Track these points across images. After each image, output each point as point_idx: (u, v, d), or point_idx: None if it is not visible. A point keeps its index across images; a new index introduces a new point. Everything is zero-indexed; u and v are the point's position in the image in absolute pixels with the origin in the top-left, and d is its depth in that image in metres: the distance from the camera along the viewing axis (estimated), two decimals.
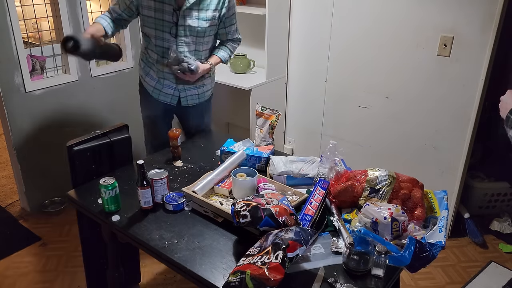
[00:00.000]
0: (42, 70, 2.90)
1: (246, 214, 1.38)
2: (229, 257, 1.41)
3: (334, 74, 3.05)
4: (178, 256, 1.42)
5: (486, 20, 2.32)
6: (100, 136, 1.93)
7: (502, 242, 2.74)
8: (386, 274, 1.33)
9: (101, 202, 1.65)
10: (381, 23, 2.72)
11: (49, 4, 2.85)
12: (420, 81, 2.65)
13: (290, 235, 1.27)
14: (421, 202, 1.54)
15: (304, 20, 3.10)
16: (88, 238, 2.04)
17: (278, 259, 1.19)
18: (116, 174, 1.86)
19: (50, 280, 2.44)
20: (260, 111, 2.16)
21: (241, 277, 1.20)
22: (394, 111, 2.83)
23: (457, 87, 2.52)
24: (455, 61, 2.49)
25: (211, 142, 2.29)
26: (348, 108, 3.06)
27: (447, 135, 2.63)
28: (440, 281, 2.44)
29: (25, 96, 2.79)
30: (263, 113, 2.14)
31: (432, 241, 1.36)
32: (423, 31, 2.56)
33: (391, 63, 2.76)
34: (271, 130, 2.10)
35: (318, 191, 1.60)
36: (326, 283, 1.30)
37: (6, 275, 2.47)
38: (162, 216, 1.63)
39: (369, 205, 1.48)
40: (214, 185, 1.75)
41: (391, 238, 1.42)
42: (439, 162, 2.71)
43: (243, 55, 3.32)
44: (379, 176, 1.58)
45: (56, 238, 2.78)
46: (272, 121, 2.09)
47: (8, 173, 3.50)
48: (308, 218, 1.49)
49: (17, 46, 2.67)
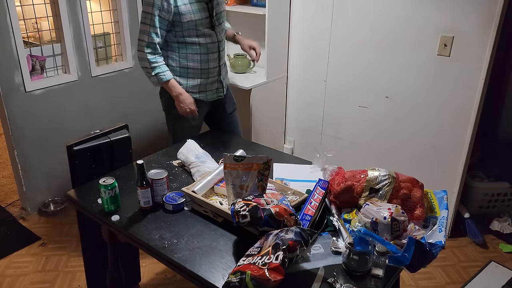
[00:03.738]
0: (42, 70, 2.90)
1: (246, 214, 1.38)
2: (229, 257, 1.41)
3: (334, 74, 3.05)
4: (178, 256, 1.42)
5: (486, 20, 2.32)
6: (100, 136, 1.93)
7: (502, 242, 2.74)
8: (386, 274, 1.33)
9: (101, 202, 1.65)
10: (381, 23, 2.71)
11: (49, 4, 2.85)
12: (420, 81, 2.65)
13: (290, 236, 1.27)
14: (421, 202, 1.54)
15: (304, 20, 3.10)
16: (88, 238, 2.05)
17: (278, 260, 1.19)
18: (116, 174, 1.86)
19: (50, 280, 2.44)
20: (232, 163, 1.56)
21: (241, 277, 1.20)
22: (394, 111, 2.83)
23: (457, 87, 2.52)
24: (455, 61, 2.49)
25: (211, 142, 2.28)
26: (348, 108, 3.06)
27: (447, 135, 2.63)
28: (440, 281, 2.44)
29: (25, 96, 2.79)
30: (238, 164, 1.56)
31: (432, 241, 1.36)
32: (423, 31, 2.56)
33: (391, 62, 2.76)
34: (261, 182, 1.58)
35: (318, 191, 1.60)
36: (326, 283, 1.30)
37: (6, 275, 2.47)
38: (161, 216, 1.63)
39: (369, 205, 1.48)
40: (214, 185, 1.75)
41: (391, 238, 1.42)
42: (439, 162, 2.71)
43: (243, 55, 3.31)
44: (379, 176, 1.58)
45: (56, 238, 2.78)
46: (261, 170, 1.57)
47: (8, 173, 3.50)
48: (308, 218, 1.49)
49: (17, 46, 2.67)
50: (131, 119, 3.10)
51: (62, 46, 2.93)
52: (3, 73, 2.65)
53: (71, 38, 2.92)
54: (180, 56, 2.30)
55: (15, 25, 2.63)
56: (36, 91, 2.83)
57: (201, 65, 2.33)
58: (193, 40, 2.26)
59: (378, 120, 2.92)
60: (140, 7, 3.27)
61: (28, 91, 2.79)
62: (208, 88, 2.40)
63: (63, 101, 2.99)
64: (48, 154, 2.98)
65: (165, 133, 3.76)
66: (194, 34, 2.24)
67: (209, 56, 2.32)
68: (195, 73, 2.34)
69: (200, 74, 2.35)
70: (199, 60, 2.31)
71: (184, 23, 2.20)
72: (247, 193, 1.56)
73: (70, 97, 3.02)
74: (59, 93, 2.95)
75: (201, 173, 1.83)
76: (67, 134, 2.87)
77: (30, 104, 2.83)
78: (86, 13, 2.96)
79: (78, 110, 3.09)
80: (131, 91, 3.38)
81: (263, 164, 1.56)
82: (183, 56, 2.30)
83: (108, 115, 3.24)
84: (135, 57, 3.32)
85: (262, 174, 1.57)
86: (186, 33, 2.23)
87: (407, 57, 2.66)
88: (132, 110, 3.41)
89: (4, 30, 2.60)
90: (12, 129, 2.79)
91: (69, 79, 2.99)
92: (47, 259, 2.60)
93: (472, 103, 2.48)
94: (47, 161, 3.00)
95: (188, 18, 2.19)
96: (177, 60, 2.31)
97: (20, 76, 2.73)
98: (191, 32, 2.24)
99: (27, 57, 2.77)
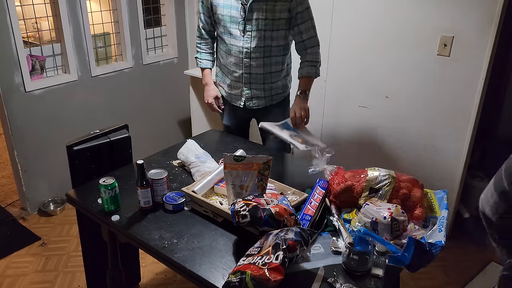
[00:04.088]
0: (42, 69, 2.90)
1: (246, 214, 1.38)
2: (229, 257, 1.41)
3: (334, 74, 3.05)
4: (178, 256, 1.42)
5: (486, 20, 2.32)
6: (100, 136, 1.93)
7: None
8: (386, 274, 1.33)
9: (101, 202, 1.65)
10: (381, 23, 2.71)
11: (49, 4, 2.85)
12: (420, 80, 2.65)
13: (290, 236, 1.27)
14: (421, 202, 1.54)
15: None
16: (88, 238, 2.05)
17: (279, 260, 1.19)
18: (116, 174, 1.86)
19: (50, 280, 2.44)
20: (232, 163, 1.57)
21: (241, 277, 1.20)
22: (394, 111, 2.83)
23: (457, 87, 2.52)
24: (455, 60, 2.49)
25: (211, 142, 2.29)
26: (348, 108, 3.06)
27: (447, 135, 2.63)
28: (440, 281, 2.44)
29: (25, 96, 2.79)
30: (238, 164, 1.57)
31: (432, 241, 1.36)
32: (423, 31, 2.56)
33: (391, 62, 2.76)
34: (260, 182, 1.57)
35: (318, 191, 1.60)
36: (326, 283, 1.30)
37: (6, 275, 2.47)
38: (162, 216, 1.63)
39: (369, 205, 1.48)
40: (214, 185, 1.75)
41: (391, 238, 1.42)
42: (439, 162, 2.71)
43: None
44: (379, 176, 1.58)
45: (56, 238, 2.78)
46: (261, 170, 1.57)
47: (8, 173, 3.50)
48: (308, 218, 1.49)
49: (17, 46, 2.67)
50: (131, 119, 3.09)
51: (62, 46, 2.94)
52: (3, 73, 2.65)
53: (71, 38, 2.92)
54: (216, 48, 2.34)
55: (15, 25, 2.63)
56: (36, 91, 2.84)
57: (224, 63, 2.29)
58: (220, 35, 2.22)
59: (378, 120, 2.92)
60: (140, 7, 3.28)
61: (28, 91, 2.79)
62: (232, 91, 2.31)
63: (63, 101, 2.99)
64: (48, 154, 2.98)
65: (165, 133, 3.77)
66: (221, 30, 2.19)
67: (231, 58, 2.22)
68: (221, 69, 2.34)
69: (223, 72, 2.33)
70: (223, 57, 2.27)
71: (215, 15, 2.18)
72: (247, 193, 1.56)
73: (70, 97, 3.02)
74: (59, 93, 2.95)
75: (201, 173, 1.83)
76: (67, 134, 2.87)
77: (30, 104, 2.83)
78: (86, 13, 2.96)
79: (78, 110, 3.09)
80: (131, 91, 3.39)
81: (263, 164, 1.56)
82: (217, 48, 2.33)
83: (108, 115, 3.24)
84: (135, 57, 3.33)
85: (262, 174, 1.57)
86: (217, 25, 2.22)
87: (407, 57, 2.66)
88: (132, 110, 3.41)
89: (4, 30, 2.60)
90: (12, 129, 2.79)
91: (69, 79, 2.99)
92: (47, 259, 2.60)
93: (472, 102, 2.48)
94: (47, 161, 3.00)
95: (217, 11, 2.15)
96: (215, 50, 2.35)
97: (20, 76, 2.73)
98: (220, 26, 2.19)
99: (27, 57, 2.77)
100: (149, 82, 3.50)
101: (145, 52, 3.40)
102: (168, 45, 3.62)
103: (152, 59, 3.47)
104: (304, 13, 2.13)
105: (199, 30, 2.31)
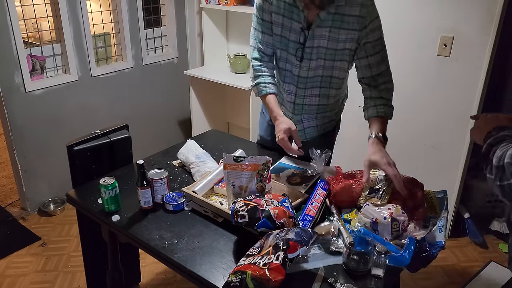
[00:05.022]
0: (42, 70, 2.90)
1: (244, 214, 1.38)
2: (229, 257, 1.41)
3: None
4: (178, 256, 1.42)
5: (486, 20, 2.32)
6: (100, 136, 1.93)
7: (502, 242, 2.74)
8: (386, 274, 1.33)
9: (101, 202, 1.65)
10: None
11: (49, 4, 2.85)
12: (420, 81, 2.65)
13: (290, 236, 1.27)
14: (421, 202, 1.54)
15: None
16: (88, 238, 2.05)
17: (279, 260, 1.19)
18: (116, 174, 1.86)
19: (50, 280, 2.44)
20: (232, 163, 1.58)
21: (241, 277, 1.20)
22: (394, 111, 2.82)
23: (457, 87, 2.52)
24: (455, 61, 2.49)
25: (211, 142, 2.28)
26: (348, 108, 3.05)
27: (447, 135, 2.63)
28: (440, 281, 2.44)
29: (25, 96, 2.79)
30: (238, 165, 1.57)
31: (432, 241, 1.36)
32: (423, 31, 2.56)
33: (391, 63, 2.73)
34: (260, 183, 1.57)
35: (319, 192, 1.60)
36: (326, 283, 1.30)
37: (6, 275, 2.47)
38: (162, 216, 1.63)
39: (369, 205, 1.49)
40: (214, 185, 1.75)
41: (391, 238, 1.42)
42: (439, 162, 2.71)
43: (243, 55, 3.32)
44: (379, 176, 1.58)
45: (56, 238, 2.78)
46: (260, 171, 1.56)
47: (8, 173, 3.50)
48: (309, 219, 1.49)
49: (17, 46, 2.67)
50: (131, 119, 3.10)
51: (62, 46, 2.94)
52: (3, 73, 2.65)
53: (71, 38, 2.92)
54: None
55: (15, 25, 2.63)
56: (36, 91, 2.84)
57: (279, 89, 1.99)
58: (277, 58, 1.92)
59: None
60: (140, 7, 3.28)
61: (28, 91, 2.79)
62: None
63: (63, 101, 3.00)
64: (48, 154, 2.99)
65: (165, 133, 3.77)
66: (278, 53, 1.89)
67: (284, 86, 1.94)
68: (279, 95, 2.00)
69: (280, 99, 2.00)
70: (279, 82, 1.98)
71: (273, 34, 1.86)
72: (246, 193, 1.56)
73: (70, 97, 3.02)
74: (59, 93, 2.95)
75: (201, 173, 1.83)
76: (67, 134, 2.88)
77: (30, 104, 2.83)
78: (86, 13, 2.96)
79: (78, 110, 3.09)
80: (131, 91, 3.39)
81: (262, 165, 1.56)
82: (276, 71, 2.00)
83: (108, 115, 3.25)
84: (135, 57, 3.33)
85: (261, 175, 1.57)
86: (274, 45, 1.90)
87: (407, 58, 2.66)
88: (132, 110, 3.41)
89: (4, 30, 2.60)
90: (12, 129, 2.79)
91: (69, 79, 2.99)
92: (47, 259, 2.60)
93: (472, 103, 2.48)
94: (47, 161, 3.00)
95: (275, 30, 1.83)
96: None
97: (20, 76, 2.73)
98: (276, 49, 1.89)
99: (27, 57, 2.77)
100: (149, 82, 3.50)
101: (145, 52, 3.40)
102: (168, 45, 3.63)
103: (152, 59, 3.47)
104: (377, 43, 1.80)
105: (259, 53, 1.91)
